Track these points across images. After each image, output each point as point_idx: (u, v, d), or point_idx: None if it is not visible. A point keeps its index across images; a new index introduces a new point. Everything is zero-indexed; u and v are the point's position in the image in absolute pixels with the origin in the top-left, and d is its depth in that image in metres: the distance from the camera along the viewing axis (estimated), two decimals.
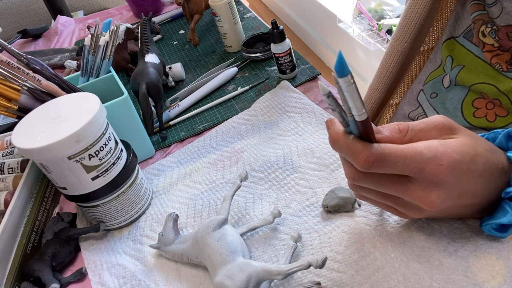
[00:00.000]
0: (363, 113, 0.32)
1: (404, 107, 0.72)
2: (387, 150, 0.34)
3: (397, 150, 0.34)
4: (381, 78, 0.76)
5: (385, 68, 0.74)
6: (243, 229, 0.47)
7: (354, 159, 0.35)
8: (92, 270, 0.50)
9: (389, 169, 0.34)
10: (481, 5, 0.54)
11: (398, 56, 0.71)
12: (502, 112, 0.53)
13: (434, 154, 0.34)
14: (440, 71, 0.63)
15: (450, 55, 0.60)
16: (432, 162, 0.33)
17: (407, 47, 0.69)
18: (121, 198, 0.52)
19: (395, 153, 0.34)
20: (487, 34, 0.52)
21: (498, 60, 0.52)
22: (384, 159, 0.34)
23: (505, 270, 0.36)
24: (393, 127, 0.37)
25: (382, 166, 0.34)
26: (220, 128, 0.66)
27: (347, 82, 0.29)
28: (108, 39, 0.66)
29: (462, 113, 0.58)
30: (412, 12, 0.64)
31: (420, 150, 0.34)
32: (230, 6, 0.82)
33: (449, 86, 0.60)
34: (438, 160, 0.33)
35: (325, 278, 0.41)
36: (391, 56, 0.72)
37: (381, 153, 0.34)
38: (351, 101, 0.31)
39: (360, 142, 0.34)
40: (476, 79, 0.55)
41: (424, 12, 0.63)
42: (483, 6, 0.54)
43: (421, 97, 0.67)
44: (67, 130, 0.45)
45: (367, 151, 0.34)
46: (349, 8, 1.88)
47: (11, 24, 1.83)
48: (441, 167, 0.33)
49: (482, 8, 0.54)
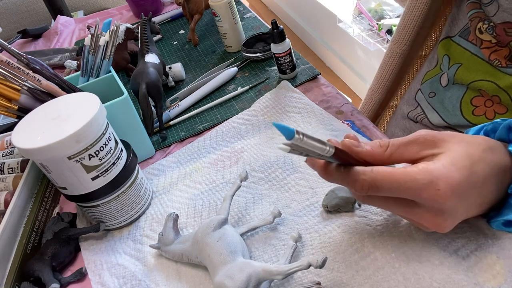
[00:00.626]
0: (328, 150, 0.32)
1: (403, 107, 0.72)
2: (380, 176, 0.33)
3: (390, 175, 0.33)
4: (381, 80, 0.76)
5: (384, 70, 0.75)
6: (243, 229, 0.47)
7: (351, 188, 0.34)
8: (92, 270, 0.50)
9: (386, 193, 0.33)
10: (477, 4, 0.55)
11: (398, 58, 0.71)
12: (501, 109, 0.53)
13: (429, 179, 0.32)
14: (437, 70, 0.63)
15: (447, 54, 0.60)
16: (429, 188, 0.32)
17: (406, 49, 0.69)
18: (121, 198, 0.52)
19: (388, 179, 0.33)
20: (484, 31, 0.53)
21: (497, 56, 0.52)
22: (378, 185, 0.33)
23: (506, 269, 0.36)
24: (374, 142, 0.36)
25: (378, 191, 0.33)
26: (220, 128, 0.66)
27: (297, 140, 0.30)
28: (108, 39, 0.66)
29: (461, 111, 0.58)
30: (410, 16, 0.65)
31: (414, 176, 0.32)
32: (230, 6, 0.82)
33: (447, 85, 0.60)
34: (434, 185, 0.32)
35: (325, 278, 0.41)
36: (390, 59, 0.73)
37: (374, 179, 0.33)
38: (311, 148, 0.31)
39: (352, 170, 0.34)
40: (474, 77, 0.55)
41: (422, 15, 0.64)
42: (479, 5, 0.54)
43: (419, 96, 0.67)
44: (67, 130, 0.45)
45: (361, 179, 0.33)
46: (349, 8, 1.88)
47: (11, 24, 1.83)
48: (439, 191, 0.32)
49: (478, 7, 0.54)
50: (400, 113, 0.73)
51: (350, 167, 0.34)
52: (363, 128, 0.58)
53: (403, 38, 0.68)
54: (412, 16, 0.64)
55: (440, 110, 0.61)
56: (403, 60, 0.71)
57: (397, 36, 0.69)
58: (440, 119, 0.61)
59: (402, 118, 0.72)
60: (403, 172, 0.33)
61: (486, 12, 0.53)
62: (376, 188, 0.33)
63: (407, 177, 0.32)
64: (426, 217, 0.34)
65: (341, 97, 0.66)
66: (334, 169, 0.35)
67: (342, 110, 0.62)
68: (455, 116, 0.58)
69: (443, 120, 0.60)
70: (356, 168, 0.34)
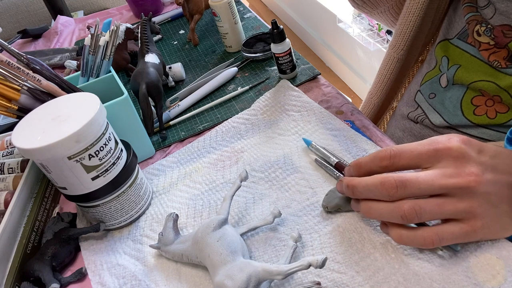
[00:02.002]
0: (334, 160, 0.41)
1: (402, 108, 0.72)
2: (399, 148, 0.38)
3: (407, 147, 0.38)
4: (379, 84, 0.77)
5: (383, 75, 0.75)
6: (243, 229, 0.47)
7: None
8: (92, 270, 0.50)
9: (407, 159, 0.38)
10: (474, 7, 0.55)
11: (396, 63, 0.72)
12: (502, 108, 0.53)
13: (445, 136, 0.38)
14: (436, 72, 0.63)
15: (445, 55, 0.60)
16: (445, 138, 0.38)
17: (403, 54, 0.70)
18: (121, 198, 0.52)
19: (408, 149, 0.38)
20: (482, 33, 0.53)
21: (496, 57, 0.52)
22: (399, 152, 0.38)
23: (505, 269, 0.36)
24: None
25: (400, 157, 0.38)
26: (220, 128, 0.66)
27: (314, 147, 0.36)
28: (108, 39, 0.66)
29: (462, 111, 0.58)
30: (406, 21, 0.65)
31: (431, 139, 0.38)
32: (230, 6, 0.82)
33: (447, 86, 0.60)
34: (451, 136, 0.38)
35: (325, 278, 0.41)
36: (388, 63, 0.73)
37: (395, 151, 0.38)
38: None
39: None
40: (474, 77, 0.55)
41: (418, 20, 0.64)
42: (475, 8, 0.55)
43: (419, 97, 0.67)
44: (67, 130, 0.45)
45: (383, 154, 0.39)
46: (349, 8, 1.88)
47: (11, 24, 1.83)
48: (456, 139, 0.37)
49: (475, 10, 0.55)
50: (399, 114, 0.73)
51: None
52: (363, 128, 0.58)
53: (400, 43, 0.68)
54: (408, 21, 0.65)
55: (441, 111, 0.61)
56: (401, 64, 0.72)
57: (394, 41, 0.70)
58: (441, 120, 0.61)
59: (402, 119, 0.72)
60: (418, 142, 0.38)
61: (483, 15, 0.53)
62: (398, 156, 0.38)
63: (422, 142, 0.38)
64: (460, 207, 0.35)
65: (341, 97, 0.66)
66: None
67: (342, 110, 0.62)
68: (456, 116, 0.58)
69: (445, 120, 0.60)
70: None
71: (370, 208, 0.39)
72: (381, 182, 0.37)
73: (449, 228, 0.36)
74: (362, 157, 0.41)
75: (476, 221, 0.36)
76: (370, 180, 0.38)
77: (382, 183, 0.37)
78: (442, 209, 0.36)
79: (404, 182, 0.36)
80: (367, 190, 0.39)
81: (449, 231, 0.36)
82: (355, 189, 0.40)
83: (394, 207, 0.37)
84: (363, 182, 0.39)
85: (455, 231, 0.36)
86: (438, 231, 0.36)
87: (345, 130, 0.57)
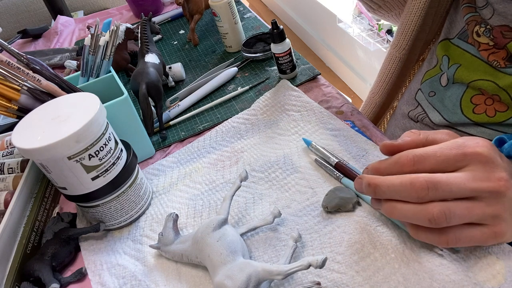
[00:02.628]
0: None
1: (403, 107, 0.72)
2: (421, 151, 0.37)
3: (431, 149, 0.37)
4: (381, 83, 0.77)
5: (384, 74, 0.75)
6: (243, 229, 0.47)
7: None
8: (92, 270, 0.50)
9: (432, 163, 0.36)
10: (473, 8, 0.55)
11: (397, 62, 0.72)
12: (501, 107, 0.54)
13: (467, 138, 0.37)
14: (437, 70, 0.63)
15: (446, 55, 0.60)
16: (469, 140, 0.37)
17: (405, 53, 0.70)
18: (121, 198, 0.52)
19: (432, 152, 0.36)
20: (481, 34, 0.53)
21: (495, 57, 0.52)
22: (423, 155, 0.37)
23: (506, 269, 0.36)
24: (407, 133, 0.40)
25: (424, 160, 0.36)
26: (220, 128, 0.66)
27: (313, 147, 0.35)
28: (108, 39, 0.66)
29: (461, 110, 0.58)
30: (408, 21, 0.65)
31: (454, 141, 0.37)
32: (230, 6, 0.82)
33: (447, 85, 0.60)
34: (473, 138, 0.37)
35: (325, 278, 0.41)
36: (390, 63, 0.73)
37: (417, 154, 0.37)
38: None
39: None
40: (474, 76, 0.55)
41: (419, 19, 0.64)
42: (474, 9, 0.55)
43: (419, 96, 0.67)
44: (67, 130, 0.45)
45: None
46: (349, 8, 1.88)
47: (11, 24, 1.83)
48: (478, 143, 0.36)
49: (474, 11, 0.55)
50: (399, 113, 0.73)
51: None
52: (363, 128, 0.58)
53: (402, 42, 0.68)
54: (410, 20, 0.65)
55: (440, 109, 0.61)
56: (403, 64, 0.72)
57: (396, 41, 0.70)
58: (441, 118, 0.61)
59: (402, 118, 0.72)
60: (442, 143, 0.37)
61: (482, 15, 0.53)
62: (422, 162, 0.36)
63: (446, 143, 0.37)
64: (487, 212, 0.35)
65: (341, 97, 0.66)
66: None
67: (342, 110, 0.62)
68: (456, 115, 0.58)
69: (444, 119, 0.60)
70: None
71: (394, 209, 0.37)
72: (411, 183, 0.35)
73: (470, 232, 0.35)
74: (380, 161, 0.39)
75: (500, 226, 0.35)
76: (397, 180, 0.36)
77: (412, 183, 0.35)
78: (471, 213, 0.34)
79: (435, 184, 0.34)
80: (392, 191, 0.36)
81: (469, 234, 0.35)
82: (377, 189, 0.37)
83: (422, 210, 0.35)
84: (388, 182, 0.37)
85: (476, 235, 0.35)
86: (456, 233, 0.35)
87: (345, 130, 0.57)
